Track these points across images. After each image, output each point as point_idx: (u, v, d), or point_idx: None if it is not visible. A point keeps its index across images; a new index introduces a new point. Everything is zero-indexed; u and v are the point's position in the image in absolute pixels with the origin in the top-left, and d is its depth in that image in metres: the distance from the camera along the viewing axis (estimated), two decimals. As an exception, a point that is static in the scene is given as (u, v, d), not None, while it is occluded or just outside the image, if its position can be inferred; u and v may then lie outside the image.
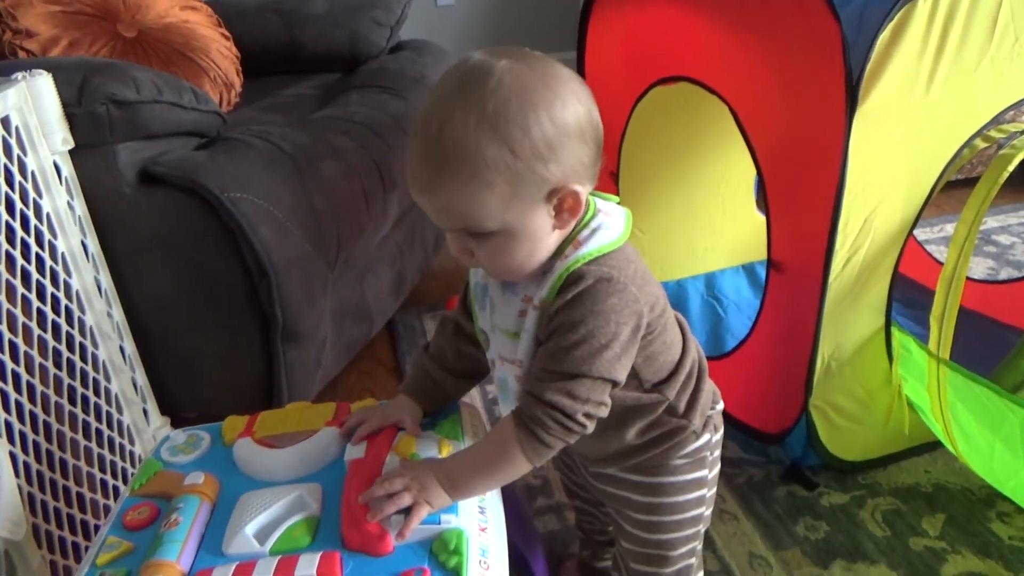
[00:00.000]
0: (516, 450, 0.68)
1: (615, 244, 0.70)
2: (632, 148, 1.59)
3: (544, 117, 0.62)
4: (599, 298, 0.67)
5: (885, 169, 1.05)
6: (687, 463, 0.82)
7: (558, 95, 0.64)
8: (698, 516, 0.85)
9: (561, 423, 0.67)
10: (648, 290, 0.71)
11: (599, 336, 0.66)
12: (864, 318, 1.15)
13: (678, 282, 1.82)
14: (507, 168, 0.62)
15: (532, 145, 0.62)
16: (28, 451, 0.96)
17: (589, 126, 0.66)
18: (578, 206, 0.67)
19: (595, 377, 0.67)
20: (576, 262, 0.68)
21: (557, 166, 0.64)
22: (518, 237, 0.67)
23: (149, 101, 1.14)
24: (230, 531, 0.67)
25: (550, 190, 0.65)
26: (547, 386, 0.67)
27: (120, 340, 1.23)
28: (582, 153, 0.66)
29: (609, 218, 0.72)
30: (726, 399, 1.41)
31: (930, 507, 1.23)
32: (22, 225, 1.02)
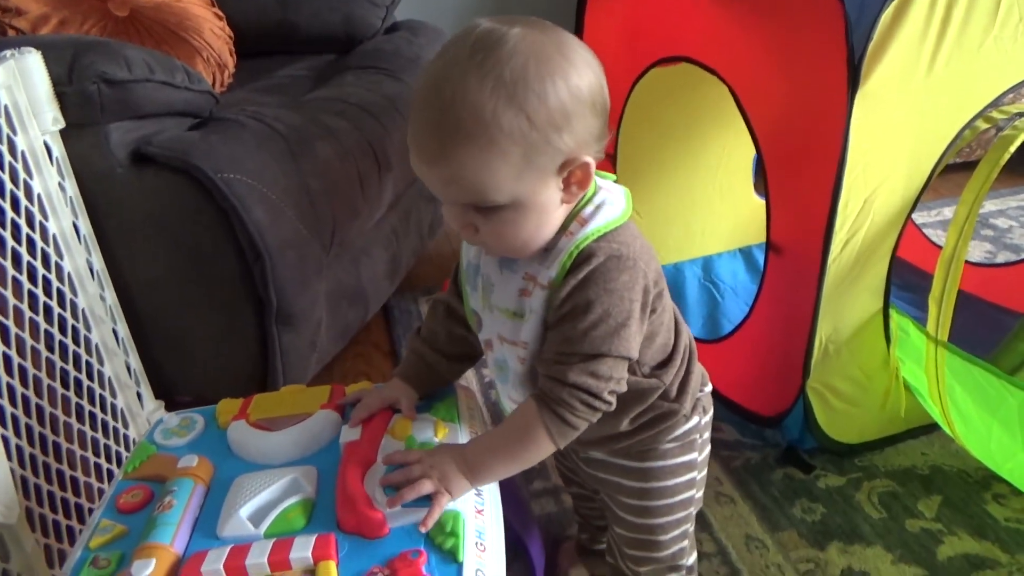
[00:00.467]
0: (541, 432, 0.67)
1: (621, 219, 0.69)
2: (630, 130, 1.58)
3: (561, 85, 0.61)
4: (611, 276, 0.66)
5: (886, 150, 1.04)
6: (676, 446, 0.81)
7: (572, 63, 0.62)
8: (689, 499, 0.85)
9: (587, 403, 0.67)
10: (654, 265, 0.71)
11: (615, 315, 0.66)
12: (862, 300, 1.14)
13: (675, 265, 1.81)
14: (523, 137, 0.61)
15: (548, 113, 0.61)
16: (20, 434, 0.95)
17: (600, 97, 0.65)
18: (587, 179, 0.66)
19: (616, 356, 0.66)
20: (585, 239, 0.67)
21: (571, 136, 0.62)
22: (527, 211, 0.65)
23: (141, 80, 1.12)
24: (224, 514, 0.66)
25: (563, 161, 0.64)
26: (569, 368, 0.66)
27: (113, 323, 1.22)
28: (593, 124, 0.64)
29: (611, 194, 0.71)
30: (723, 382, 1.42)
31: (926, 489, 1.23)
32: (12, 206, 1.00)
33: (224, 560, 0.60)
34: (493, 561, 0.65)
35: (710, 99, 1.58)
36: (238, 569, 0.60)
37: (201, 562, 0.61)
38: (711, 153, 1.74)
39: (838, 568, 1.11)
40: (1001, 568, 1.09)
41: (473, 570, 0.62)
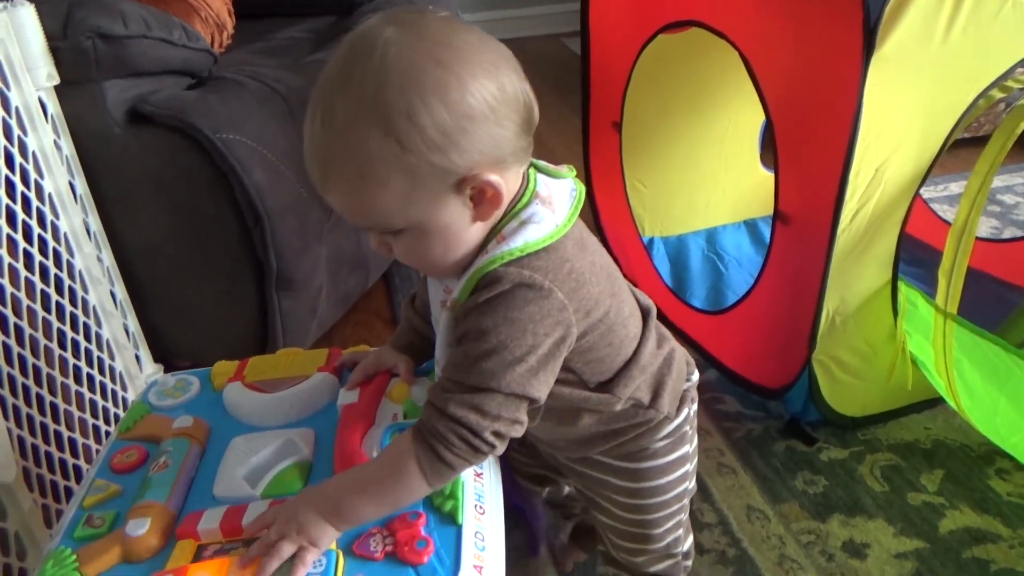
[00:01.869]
0: (413, 469, 0.58)
1: (546, 240, 0.60)
2: (636, 98, 1.55)
3: (434, 101, 0.53)
4: (515, 304, 0.58)
5: (899, 117, 1.01)
6: (669, 443, 0.77)
7: (452, 72, 0.54)
8: (683, 492, 0.82)
9: (467, 440, 0.58)
10: (585, 292, 0.62)
11: (512, 348, 0.58)
12: (871, 272, 1.13)
13: (679, 237, 1.80)
14: (397, 161, 0.54)
15: (422, 134, 0.53)
16: (17, 394, 0.95)
17: (500, 104, 0.56)
18: (498, 196, 0.58)
19: (506, 393, 0.58)
20: (492, 262, 0.59)
21: (459, 154, 0.55)
22: (430, 233, 0.59)
23: (137, 36, 1.09)
24: (220, 474, 0.65)
25: (457, 180, 0.56)
26: (451, 398, 0.58)
27: (111, 285, 1.20)
28: (495, 135, 0.56)
29: (545, 207, 0.62)
30: (726, 354, 1.41)
31: (929, 463, 1.23)
32: (7, 163, 0.98)
33: (220, 520, 0.60)
34: (492, 524, 0.64)
35: (718, 67, 1.55)
36: (234, 529, 0.59)
37: (197, 521, 0.60)
38: (717, 123, 1.72)
39: (839, 540, 1.10)
40: (1003, 542, 1.09)
41: (472, 532, 0.61)
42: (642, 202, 1.70)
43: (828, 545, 1.10)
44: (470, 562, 0.58)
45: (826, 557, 1.08)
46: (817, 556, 1.08)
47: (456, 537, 0.60)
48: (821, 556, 1.08)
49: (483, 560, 0.59)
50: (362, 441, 0.67)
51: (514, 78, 0.58)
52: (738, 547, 1.10)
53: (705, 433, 1.31)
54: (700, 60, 1.54)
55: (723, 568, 1.07)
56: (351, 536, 0.60)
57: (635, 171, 1.66)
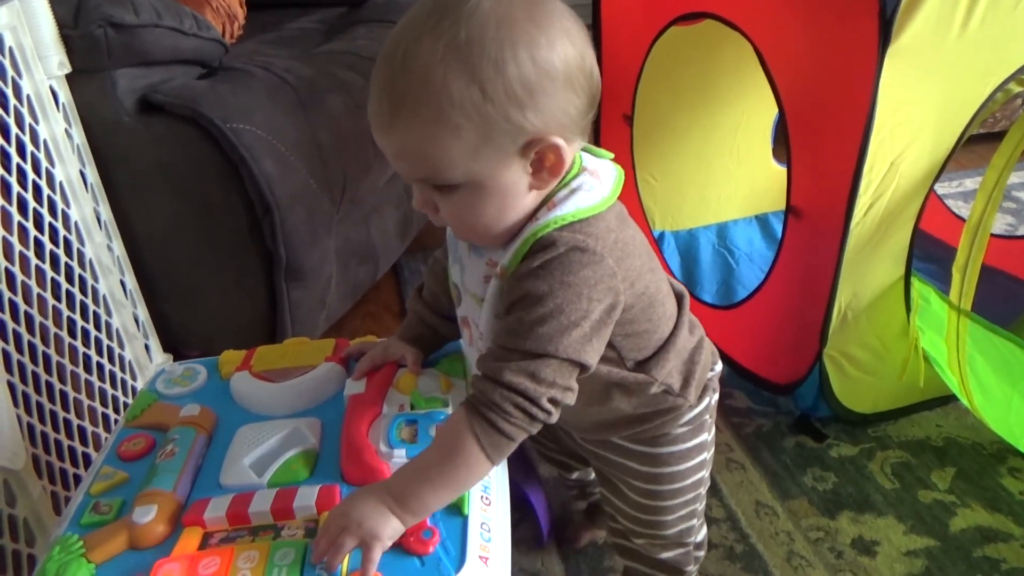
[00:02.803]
0: (471, 445, 0.57)
1: (596, 208, 0.61)
2: (648, 91, 1.54)
3: (524, 55, 0.54)
4: (571, 268, 0.58)
5: (915, 110, 1.00)
6: (688, 430, 0.77)
7: (544, 31, 0.55)
8: (700, 480, 0.81)
9: (523, 408, 0.57)
10: (629, 264, 0.62)
11: (568, 312, 0.57)
12: (884, 267, 1.11)
13: (690, 231, 1.79)
14: (475, 110, 0.54)
15: (507, 86, 0.54)
16: (27, 382, 0.95)
17: (580, 73, 0.57)
18: (560, 164, 0.59)
19: (562, 358, 0.58)
20: (546, 226, 0.59)
21: (536, 114, 0.55)
22: (486, 193, 0.58)
23: (148, 25, 1.09)
24: (227, 463, 0.65)
25: (526, 141, 0.56)
26: (506, 366, 0.57)
27: (121, 274, 1.21)
28: (568, 102, 0.57)
29: (594, 178, 0.63)
30: (736, 349, 1.40)
31: (940, 461, 1.21)
32: (18, 151, 0.98)
33: (227, 508, 0.59)
34: (498, 515, 0.64)
35: (730, 60, 1.54)
36: (241, 516, 0.59)
37: (204, 509, 0.60)
38: (730, 117, 1.70)
39: (848, 537, 1.09)
40: (1014, 541, 1.08)
41: (478, 523, 0.60)
42: (653, 196, 1.69)
43: (837, 542, 1.09)
44: (476, 553, 0.58)
45: (835, 554, 1.07)
46: (826, 553, 1.07)
47: (462, 528, 0.60)
48: (830, 553, 1.07)
49: (489, 551, 0.59)
50: (369, 431, 0.67)
51: (589, 52, 0.58)
52: (746, 543, 1.09)
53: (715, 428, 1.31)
54: (713, 53, 1.53)
55: (731, 564, 1.06)
56: (357, 526, 0.59)
57: (646, 164, 1.65)
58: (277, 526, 0.60)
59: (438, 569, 0.56)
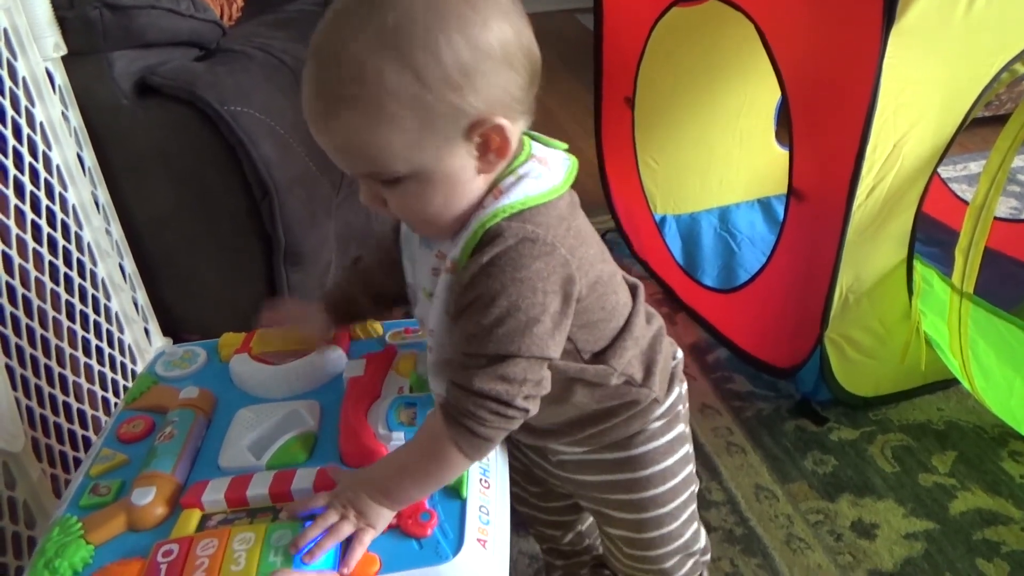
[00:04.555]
0: (451, 450, 0.57)
1: (546, 196, 0.58)
2: (649, 73, 1.53)
3: (457, 38, 0.52)
4: (522, 262, 0.55)
5: (919, 92, 0.99)
6: (663, 423, 0.73)
7: (477, 11, 0.53)
8: (690, 476, 0.77)
9: (498, 412, 0.56)
10: (583, 252, 0.60)
11: (525, 308, 0.55)
12: (886, 250, 1.11)
13: (691, 215, 1.78)
14: (412, 98, 0.52)
15: (443, 70, 0.51)
16: (26, 365, 0.95)
17: (518, 51, 0.55)
18: (506, 144, 0.56)
19: (528, 356, 0.56)
20: (494, 216, 0.56)
21: (476, 95, 0.53)
22: (433, 182, 0.56)
23: (144, 6, 1.08)
24: (226, 445, 0.65)
25: (469, 124, 0.54)
26: (475, 373, 0.56)
27: (119, 258, 1.20)
28: (509, 81, 0.55)
29: (542, 166, 0.60)
30: (737, 332, 1.40)
31: (941, 444, 1.21)
32: (14, 134, 0.98)
33: (225, 490, 0.59)
34: (497, 498, 0.64)
35: (733, 42, 1.52)
36: (239, 499, 0.59)
37: (202, 491, 0.60)
38: (732, 100, 1.69)
39: (848, 520, 1.10)
40: (1014, 524, 1.08)
41: (477, 506, 0.60)
42: (654, 179, 1.68)
43: (837, 525, 1.09)
44: (474, 536, 0.57)
45: (834, 537, 1.07)
46: (825, 535, 1.08)
47: (460, 511, 0.59)
48: (829, 535, 1.08)
49: (487, 534, 0.59)
50: (367, 413, 0.67)
51: (526, 30, 0.56)
52: (746, 526, 1.10)
53: (715, 412, 1.31)
54: (715, 34, 1.51)
55: (730, 546, 1.07)
56: (355, 508, 0.59)
57: (647, 148, 1.64)
58: (275, 508, 0.60)
59: (436, 552, 0.56)
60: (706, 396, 1.34)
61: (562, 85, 2.90)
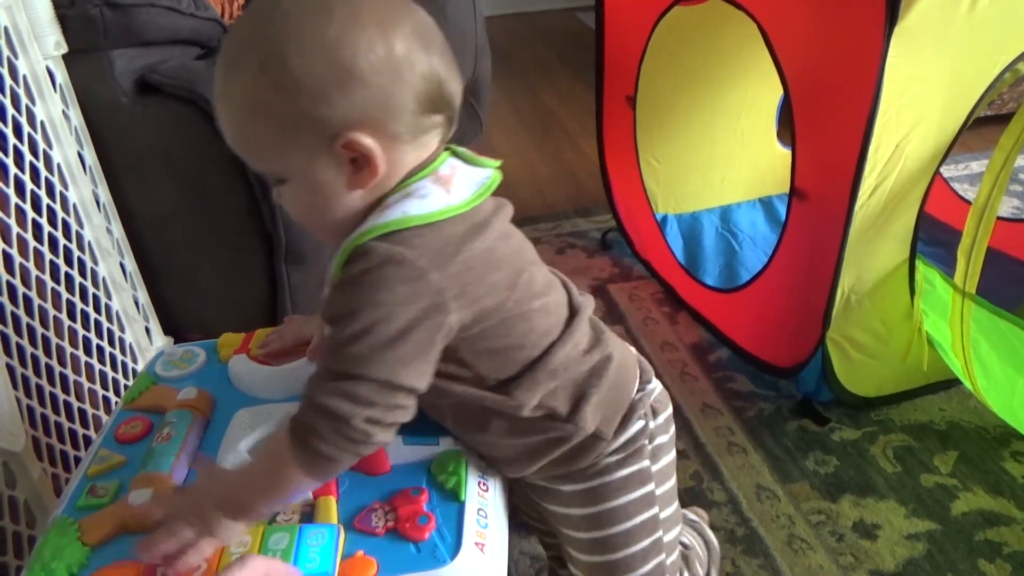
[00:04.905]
0: (289, 463, 0.54)
1: (428, 217, 0.55)
2: (651, 72, 1.52)
3: (309, 46, 0.52)
4: (383, 284, 0.53)
5: (921, 92, 0.99)
6: (619, 458, 0.67)
7: (338, 22, 0.52)
8: (651, 520, 0.69)
9: (337, 431, 0.53)
10: (472, 278, 0.56)
11: (379, 332, 0.53)
12: (888, 250, 1.10)
13: (692, 214, 1.78)
14: (267, 102, 0.53)
15: (293, 78, 0.52)
16: (26, 364, 0.95)
17: (388, 68, 0.53)
18: (373, 164, 0.55)
19: (376, 380, 0.53)
20: (364, 235, 0.55)
21: (331, 108, 0.53)
22: (307, 189, 0.56)
23: (145, 4, 1.08)
24: (224, 446, 0.65)
25: (329, 136, 0.54)
26: (321, 386, 0.54)
27: (120, 256, 1.20)
28: (379, 99, 0.54)
29: (437, 185, 0.57)
30: (738, 332, 1.40)
31: (943, 445, 1.21)
32: (15, 133, 0.98)
33: (222, 492, 0.59)
34: (496, 501, 0.63)
35: (734, 41, 1.52)
36: (236, 501, 0.59)
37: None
38: (733, 99, 1.69)
39: (850, 520, 1.09)
40: (1016, 525, 1.07)
41: (475, 509, 0.60)
42: (656, 178, 1.68)
43: (838, 525, 1.09)
44: (472, 539, 0.57)
45: (836, 537, 1.07)
46: (827, 536, 1.07)
47: (458, 514, 0.59)
48: (831, 536, 1.07)
49: (485, 537, 0.59)
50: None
51: (416, 48, 0.55)
52: (747, 526, 1.09)
53: (716, 412, 1.31)
54: (717, 33, 1.51)
55: (732, 547, 1.06)
56: (352, 511, 0.59)
57: (649, 147, 1.64)
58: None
59: (433, 555, 0.56)
60: (707, 396, 1.34)
61: (562, 83, 2.89)
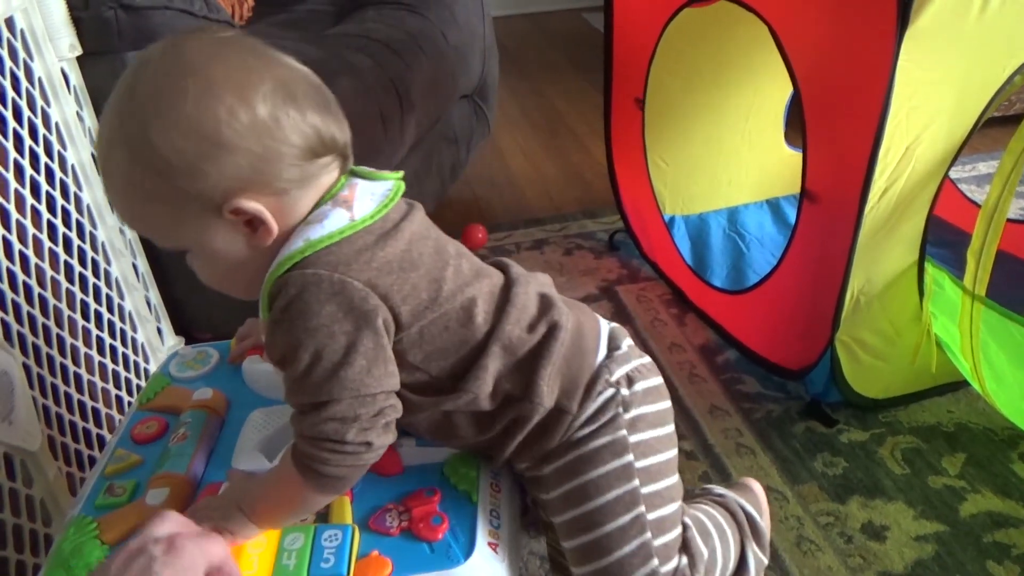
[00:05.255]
0: (307, 490, 0.57)
1: (332, 236, 0.56)
2: (660, 74, 1.52)
3: (167, 126, 0.52)
4: (311, 310, 0.54)
5: (932, 94, 0.99)
6: (589, 430, 0.65)
7: (193, 98, 0.52)
8: (630, 495, 0.65)
9: (336, 451, 0.55)
10: (393, 280, 0.57)
11: (328, 355, 0.54)
12: (898, 252, 1.10)
13: (700, 216, 1.78)
14: (145, 185, 0.53)
15: (161, 158, 0.52)
16: (42, 364, 0.96)
17: (255, 131, 0.53)
18: (265, 225, 0.55)
19: (348, 398, 0.54)
20: (277, 270, 0.55)
21: (205, 180, 0.53)
22: (209, 256, 0.58)
23: (159, 7, 1.09)
24: (239, 446, 0.66)
25: (214, 206, 0.54)
26: (303, 419, 0.55)
27: (133, 257, 1.21)
28: (251, 163, 0.53)
29: (337, 207, 0.58)
30: (747, 334, 1.40)
31: (951, 447, 1.21)
32: (30, 134, 0.99)
33: (238, 492, 0.60)
34: (508, 501, 0.64)
35: (744, 42, 1.52)
36: (252, 501, 0.60)
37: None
38: (741, 100, 1.69)
39: (858, 522, 1.09)
40: (1025, 527, 1.08)
41: (488, 510, 0.61)
42: (663, 180, 1.68)
43: (847, 527, 1.09)
44: (485, 540, 0.58)
45: (844, 539, 1.07)
46: (835, 538, 1.08)
47: (472, 515, 0.60)
48: (840, 538, 1.07)
49: (498, 538, 0.59)
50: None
51: (281, 104, 0.54)
52: (755, 527, 1.10)
53: (724, 413, 1.31)
54: (726, 35, 1.51)
55: (740, 548, 1.07)
56: (367, 511, 0.60)
57: (657, 148, 1.64)
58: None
59: (447, 556, 0.56)
60: (715, 397, 1.34)
61: (570, 84, 2.90)
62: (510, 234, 1.92)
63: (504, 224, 1.96)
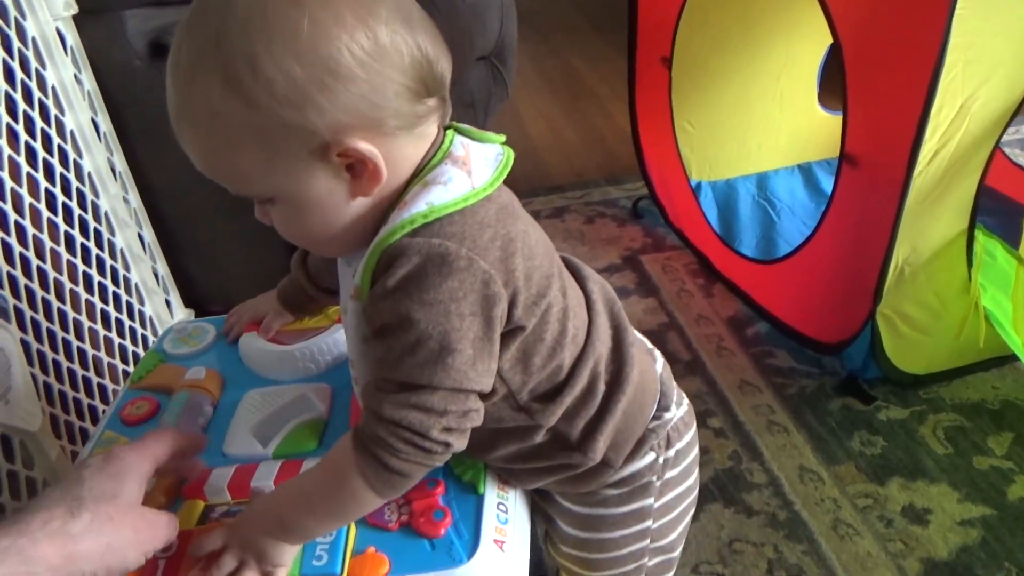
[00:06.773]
0: (357, 481, 0.50)
1: (457, 204, 0.49)
2: (688, 32, 1.45)
3: (281, 49, 0.44)
4: (430, 283, 0.47)
5: (990, 46, 0.91)
6: (620, 493, 0.63)
7: (310, 15, 0.45)
8: (640, 551, 0.67)
9: (413, 443, 0.49)
10: (516, 263, 0.51)
11: (437, 337, 0.48)
12: (946, 219, 1.03)
13: (728, 181, 1.70)
14: (243, 119, 0.45)
15: (268, 88, 0.44)
16: (42, 339, 0.92)
17: (375, 59, 0.46)
18: (375, 167, 0.48)
19: (446, 388, 0.49)
20: (394, 232, 0.48)
21: (319, 113, 0.45)
22: (302, 206, 0.49)
23: (157, -38, 1.03)
24: (232, 431, 0.62)
25: (320, 145, 0.47)
26: (386, 398, 0.49)
27: (138, 227, 1.17)
28: (367, 96, 0.46)
29: (457, 167, 0.51)
30: (778, 306, 1.33)
31: (997, 425, 1.15)
32: (25, 97, 0.94)
33: (228, 481, 0.56)
34: (518, 495, 0.59)
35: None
36: (243, 490, 0.56)
37: (205, 480, 0.56)
38: (773, 60, 1.60)
39: (899, 505, 1.04)
40: (1078, 512, 1.01)
41: (495, 504, 0.56)
42: (690, 144, 1.61)
43: (887, 510, 1.03)
44: (490, 536, 0.53)
45: (884, 522, 1.02)
46: (875, 521, 1.02)
47: (476, 508, 0.55)
48: (879, 521, 1.02)
49: (505, 534, 0.54)
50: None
51: (401, 30, 0.47)
52: (790, 509, 1.04)
53: (755, 389, 1.25)
54: (758, -11, 1.43)
55: (774, 531, 1.01)
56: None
57: (684, 110, 1.57)
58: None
59: (449, 554, 0.51)
60: (745, 372, 1.28)
61: (591, 46, 2.81)
62: (530, 201, 1.86)
63: (524, 191, 1.90)
